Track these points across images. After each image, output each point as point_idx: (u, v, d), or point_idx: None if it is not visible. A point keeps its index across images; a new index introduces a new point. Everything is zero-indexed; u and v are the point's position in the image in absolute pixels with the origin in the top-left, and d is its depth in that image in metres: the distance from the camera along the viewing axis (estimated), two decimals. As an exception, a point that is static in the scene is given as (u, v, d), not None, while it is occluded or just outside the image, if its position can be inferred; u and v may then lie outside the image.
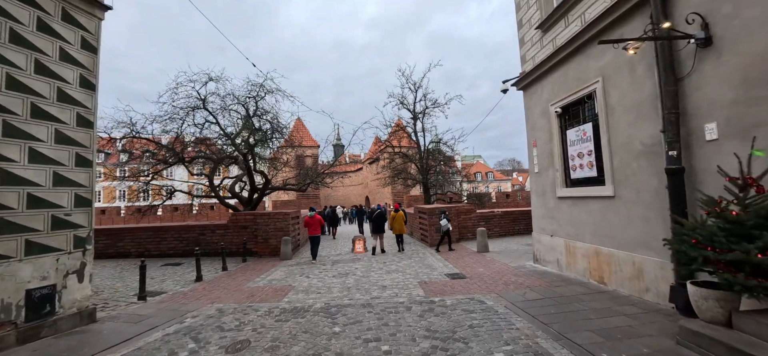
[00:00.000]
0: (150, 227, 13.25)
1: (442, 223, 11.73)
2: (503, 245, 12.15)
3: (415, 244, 14.23)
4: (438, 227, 13.08)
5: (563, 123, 7.32)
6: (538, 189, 8.32)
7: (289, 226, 12.38)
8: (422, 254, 11.40)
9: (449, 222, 11.86)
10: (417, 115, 22.81)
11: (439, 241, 11.94)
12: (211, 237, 12.75)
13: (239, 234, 12.55)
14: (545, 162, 7.91)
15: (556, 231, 7.56)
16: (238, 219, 12.68)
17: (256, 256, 12.26)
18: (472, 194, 24.83)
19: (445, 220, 11.73)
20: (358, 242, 12.78)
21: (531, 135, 8.53)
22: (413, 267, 9.15)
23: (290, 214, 12.51)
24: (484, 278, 7.29)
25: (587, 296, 5.55)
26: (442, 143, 23.19)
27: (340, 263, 10.35)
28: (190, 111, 13.44)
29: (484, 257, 9.91)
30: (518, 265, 8.40)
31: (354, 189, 59.27)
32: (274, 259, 11.70)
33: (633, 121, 5.41)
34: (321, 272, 8.93)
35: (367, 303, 5.78)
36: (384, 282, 7.41)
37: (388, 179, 25.77)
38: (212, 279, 8.59)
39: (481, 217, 13.98)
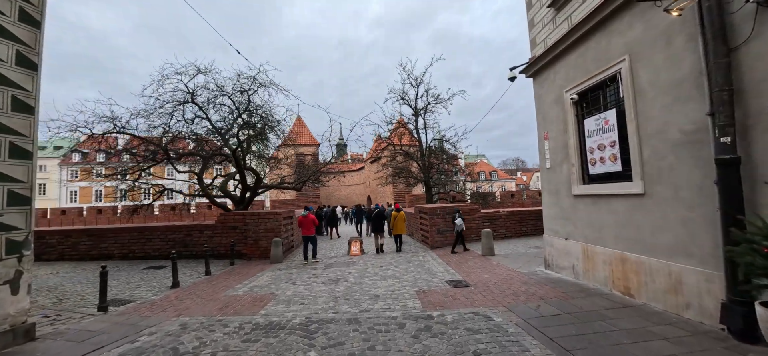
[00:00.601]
0: (134, 228, 12.54)
1: (457, 223, 10.93)
2: (510, 247, 11.29)
3: (415, 246, 13.41)
4: (441, 228, 12.26)
5: (580, 111, 6.46)
6: (550, 187, 7.46)
7: (281, 227, 11.60)
8: (422, 257, 10.57)
9: (464, 222, 11.12)
10: (418, 111, 21.94)
11: (455, 242, 11.14)
12: (199, 239, 12.02)
13: (228, 235, 11.81)
14: (559, 156, 7.05)
15: (571, 233, 6.71)
16: (227, 220, 11.94)
17: (245, 259, 11.51)
18: (476, 193, 23.95)
19: (460, 219, 10.95)
20: (354, 244, 11.98)
21: (542, 126, 7.67)
22: (411, 272, 8.33)
23: (282, 214, 11.74)
24: (490, 286, 6.45)
25: (613, 311, 4.70)
26: (445, 140, 22.32)
27: (333, 267, 9.55)
28: (178, 105, 12.71)
29: (490, 261, 9.06)
30: (528, 271, 7.55)
31: (356, 189, 58.57)
32: (264, 262, 10.94)
33: (670, 105, 4.54)
34: (310, 277, 8.14)
35: (355, 318, 4.97)
36: (377, 291, 6.59)
37: (389, 178, 24.93)
38: (190, 286, 7.82)
39: (485, 218, 13.13)
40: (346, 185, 61.33)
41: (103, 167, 14.15)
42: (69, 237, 12.41)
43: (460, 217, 11.00)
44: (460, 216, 11.01)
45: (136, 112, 12.18)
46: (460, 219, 10.93)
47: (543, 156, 7.67)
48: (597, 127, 5.92)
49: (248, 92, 13.71)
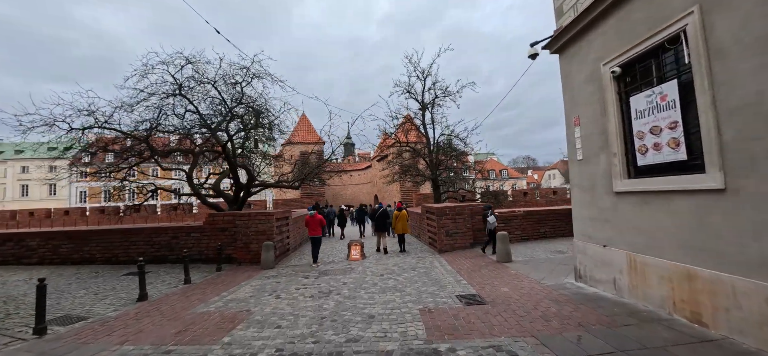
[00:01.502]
0: (118, 230, 11.65)
1: (489, 221, 9.81)
2: (527, 252, 10.02)
3: (422, 249, 12.23)
4: (450, 230, 11.06)
5: (623, 87, 5.21)
6: (582, 183, 6.21)
7: (273, 229, 10.55)
8: (429, 263, 9.40)
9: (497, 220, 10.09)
10: (425, 105, 20.73)
11: (486, 243, 10.09)
12: (185, 242, 11.05)
13: (217, 238, 10.81)
14: (594, 145, 5.80)
15: (612, 239, 5.46)
16: (216, 221, 10.94)
17: (235, 263, 10.51)
18: (488, 192, 22.61)
19: (492, 217, 9.87)
20: (354, 247, 10.86)
21: (571, 110, 6.41)
22: (415, 282, 7.17)
23: (275, 215, 10.68)
24: (512, 305, 5.25)
25: (687, 350, 3.46)
26: (454, 135, 21.03)
27: (327, 274, 8.45)
28: (165, 98, 11.75)
29: (507, 269, 7.84)
30: (555, 284, 6.31)
31: (363, 188, 57.59)
32: (254, 268, 9.91)
33: (766, 66, 3.29)
34: (298, 289, 7.04)
35: (338, 352, 3.83)
36: (373, 309, 5.45)
37: (395, 176, 23.76)
38: (160, 298, 6.80)
39: (499, 218, 11.86)
40: (352, 184, 60.40)
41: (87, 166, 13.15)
42: (50, 240, 11.58)
43: (493, 214, 9.98)
44: (493, 213, 10.01)
45: (119, 104, 11.26)
46: (493, 217, 9.88)
47: (572, 146, 6.42)
48: (648, 106, 4.67)
49: (241, 84, 12.73)
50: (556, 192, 31.49)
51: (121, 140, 11.96)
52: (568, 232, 12.57)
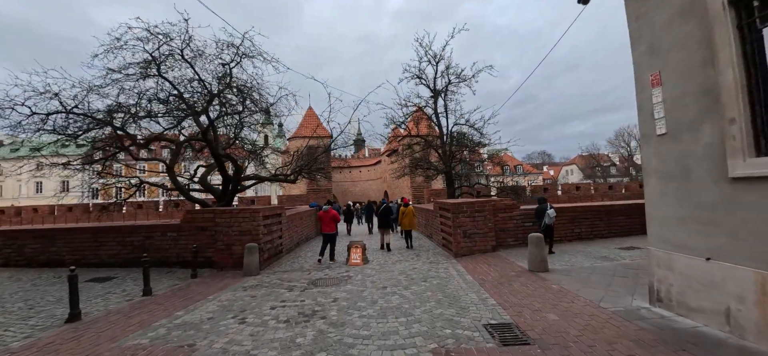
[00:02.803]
0: (87, 229, 10.33)
1: (550, 214, 8.47)
2: (564, 257, 8.20)
3: (435, 252, 10.49)
4: (468, 230, 9.31)
5: (746, 17, 3.37)
6: (666, 167, 4.37)
7: (260, 229, 8.99)
8: (444, 270, 7.67)
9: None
10: (438, 92, 18.91)
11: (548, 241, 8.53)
12: (161, 242, 9.62)
13: (196, 238, 9.34)
14: (689, 111, 3.97)
15: (722, 249, 3.64)
16: (195, 219, 9.45)
17: (216, 268, 9.01)
18: (506, 187, 20.65)
19: (552, 210, 8.58)
20: (355, 250, 9.21)
21: (646, 65, 4.57)
22: (428, 300, 5.47)
23: (261, 212, 9.11)
24: (572, 347, 3.51)
25: None
26: (468, 125, 19.09)
27: (317, 285, 6.83)
28: (140, 79, 10.30)
29: (546, 282, 6.06)
30: (624, 310, 4.52)
31: (373, 184, 56.12)
32: (235, 273, 8.39)
33: None
34: (274, 308, 5.43)
35: None
36: (366, 348, 3.79)
37: (405, 169, 22.00)
38: (96, 318, 5.29)
39: (526, 216, 10.03)
40: (362, 180, 58.94)
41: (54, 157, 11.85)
42: (15, 239, 10.33)
43: (551, 207, 8.69)
44: (551, 206, 8.71)
45: (89, 87, 9.84)
46: (553, 210, 8.61)
47: (647, 116, 4.58)
48: (811, 35, 2.83)
49: (229, 65, 11.20)
50: (579, 188, 29.23)
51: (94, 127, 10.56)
52: (607, 233, 10.66)
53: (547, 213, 8.46)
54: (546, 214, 8.46)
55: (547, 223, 8.42)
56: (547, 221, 8.42)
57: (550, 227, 8.52)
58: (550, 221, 8.44)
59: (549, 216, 8.43)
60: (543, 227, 8.42)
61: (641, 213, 11.49)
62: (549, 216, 8.43)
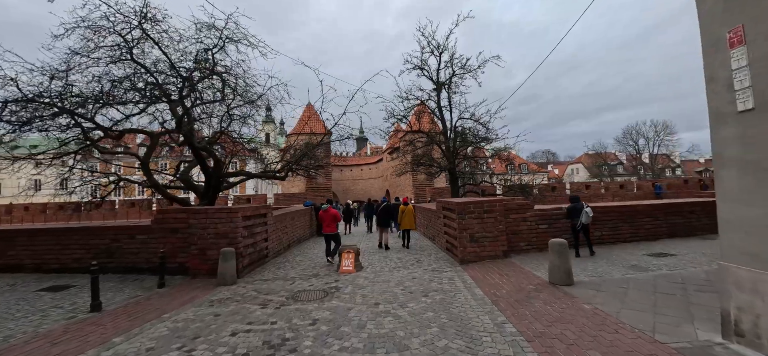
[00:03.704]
0: (48, 230, 9.28)
1: (587, 212, 7.82)
2: (588, 265, 7.06)
3: (438, 256, 9.37)
4: (475, 234, 8.20)
5: None
6: (751, 156, 3.22)
7: (238, 231, 7.90)
8: (448, 281, 6.55)
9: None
10: (441, 84, 17.77)
11: (579, 242, 8.06)
12: (130, 245, 8.57)
13: (167, 241, 8.29)
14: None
15: None
16: (166, 220, 8.39)
17: (189, 275, 7.94)
18: (514, 185, 19.47)
19: (589, 208, 7.88)
20: (347, 256, 8.11)
21: (721, 18, 3.42)
22: (429, 324, 4.35)
23: (241, 212, 8.03)
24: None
25: None
26: (474, 119, 17.89)
27: (298, 300, 5.74)
28: (111, 64, 9.24)
29: (573, 300, 4.93)
30: (688, 344, 3.39)
31: (374, 183, 55.05)
32: (208, 282, 7.32)
33: None
34: (236, 333, 4.35)
35: None
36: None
37: (407, 166, 20.86)
38: (9, 348, 4.22)
39: (541, 218, 8.89)
40: (363, 179, 57.85)
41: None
42: (-29, 242, 9.31)
43: (586, 204, 8.02)
44: (587, 205, 8.02)
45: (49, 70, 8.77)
46: (590, 209, 7.91)
47: (722, 86, 3.43)
48: None
49: (212, 50, 10.12)
50: (588, 186, 27.98)
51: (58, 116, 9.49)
52: (631, 237, 9.49)
53: (584, 211, 7.77)
54: (583, 212, 7.78)
55: (584, 222, 7.77)
56: (584, 220, 7.75)
57: (587, 227, 7.90)
58: (587, 220, 7.77)
59: (587, 214, 7.75)
60: (579, 226, 7.82)
61: (668, 214, 10.41)
62: (587, 215, 7.75)
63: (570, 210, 8.12)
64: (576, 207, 7.99)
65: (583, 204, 8.00)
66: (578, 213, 7.87)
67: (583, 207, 7.90)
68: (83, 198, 12.05)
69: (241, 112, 12.49)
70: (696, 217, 10.15)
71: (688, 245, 8.71)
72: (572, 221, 8.02)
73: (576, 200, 8.19)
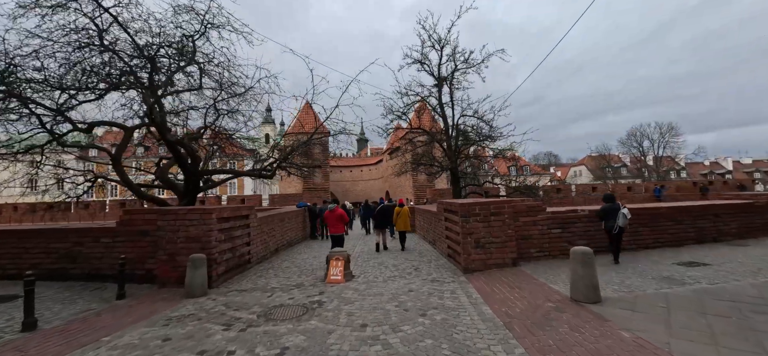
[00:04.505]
0: (7, 231, 8.37)
1: (624, 213, 7.01)
2: (613, 276, 6.11)
3: (438, 264, 8.42)
4: (482, 239, 7.27)
5: None
6: None
7: (212, 235, 6.97)
8: (450, 296, 5.60)
9: None
10: (443, 79, 16.84)
11: (615, 247, 7.22)
12: (93, 249, 7.66)
13: (135, 245, 7.39)
14: None
15: None
16: (134, 221, 7.47)
17: (157, 284, 7.01)
18: (519, 186, 18.50)
19: (626, 209, 7.08)
20: (335, 263, 7.16)
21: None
22: (427, 351, 3.43)
23: (215, 213, 7.09)
24: None
25: None
26: (477, 117, 16.92)
27: (272, 317, 4.82)
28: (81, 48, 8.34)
29: (605, 324, 3.98)
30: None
31: (375, 184, 54.15)
32: (176, 292, 6.40)
33: None
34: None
35: None
36: None
37: (406, 166, 19.91)
38: None
39: (555, 221, 7.94)
40: (363, 180, 56.91)
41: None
42: None
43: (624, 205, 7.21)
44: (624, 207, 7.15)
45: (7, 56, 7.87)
46: (626, 210, 7.05)
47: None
48: None
49: (193, 37, 9.23)
50: (595, 188, 26.97)
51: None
52: (654, 243, 8.53)
53: (621, 212, 6.93)
54: (620, 214, 6.94)
55: (621, 226, 6.94)
56: (621, 222, 6.91)
57: (623, 231, 7.07)
58: (624, 222, 6.93)
59: (624, 216, 6.89)
60: (616, 230, 6.98)
61: (695, 218, 9.45)
62: (624, 217, 6.89)
63: (604, 211, 7.25)
64: (612, 207, 7.11)
65: (619, 204, 7.13)
66: (615, 214, 7.01)
67: (619, 207, 7.03)
68: (58, 197, 11.11)
69: (228, 106, 11.64)
70: (722, 222, 9.22)
71: (719, 252, 7.76)
72: (606, 224, 7.16)
73: (611, 199, 7.31)
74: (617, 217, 6.96)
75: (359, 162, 61.28)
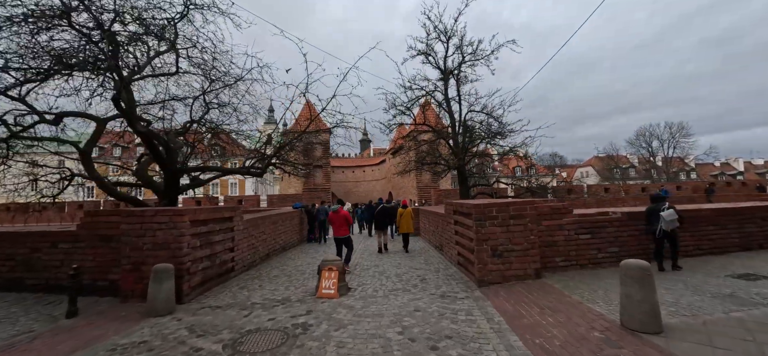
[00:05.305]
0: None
1: (663, 215, 6.06)
2: (665, 293, 5.00)
3: (447, 274, 7.34)
4: (500, 247, 6.21)
5: None
6: None
7: (183, 241, 5.94)
8: (466, 321, 4.53)
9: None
10: (449, 72, 15.78)
11: (659, 253, 6.28)
12: (51, 257, 6.68)
13: (97, 251, 6.41)
14: None
15: None
16: (96, 224, 6.48)
17: (120, 297, 6.00)
18: (531, 187, 17.33)
19: (671, 210, 6.08)
20: (328, 274, 6.11)
21: None
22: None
23: (187, 216, 6.07)
24: None
25: None
26: (486, 112, 15.82)
27: (245, 344, 3.78)
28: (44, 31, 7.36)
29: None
30: None
31: (377, 184, 53.13)
32: (139, 308, 5.37)
33: None
34: None
35: None
36: None
37: (410, 164, 18.83)
38: None
39: (583, 225, 6.84)
40: (365, 180, 55.87)
41: None
42: None
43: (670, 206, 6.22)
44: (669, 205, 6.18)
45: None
46: (673, 210, 6.06)
47: None
48: None
49: (174, 19, 8.26)
50: (607, 189, 25.73)
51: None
52: (695, 250, 7.40)
53: (662, 214, 5.98)
54: (660, 216, 5.99)
55: (663, 229, 6.00)
56: (663, 225, 5.96)
57: (670, 235, 6.11)
58: (668, 226, 5.96)
59: (664, 219, 5.92)
60: (659, 233, 6.07)
61: (742, 221, 8.29)
62: (664, 220, 5.92)
63: (648, 212, 6.32)
64: (657, 208, 6.17)
65: (662, 205, 6.16)
66: (658, 215, 6.07)
67: (663, 208, 6.05)
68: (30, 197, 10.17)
69: (218, 100, 10.68)
70: (769, 225, 8.11)
71: (776, 262, 6.64)
72: (650, 227, 6.30)
73: (658, 199, 6.34)
74: (659, 220, 5.96)
75: (362, 162, 60.28)
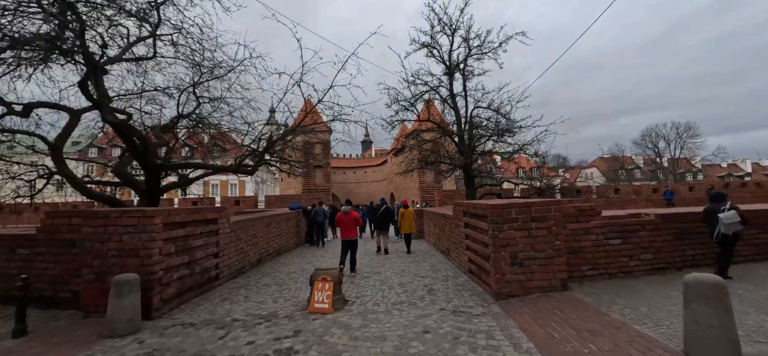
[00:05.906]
0: None
1: (721, 218, 5.23)
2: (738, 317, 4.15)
3: (457, 284, 6.49)
4: (520, 254, 5.37)
5: None
6: None
7: (154, 247, 5.13)
8: (486, 345, 3.70)
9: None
10: (454, 67, 14.95)
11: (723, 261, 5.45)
12: (9, 264, 5.89)
13: (60, 258, 5.61)
14: None
15: None
16: (57, 227, 5.68)
17: (80, 312, 5.20)
18: (541, 187, 16.47)
19: (732, 212, 5.20)
20: (321, 286, 5.27)
21: None
22: None
23: (159, 218, 5.26)
24: None
25: None
26: (493, 109, 14.97)
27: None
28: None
29: None
30: None
31: (379, 185, 52.31)
32: (99, 325, 4.57)
33: None
34: None
35: None
36: None
37: (413, 163, 17.99)
38: None
39: (613, 229, 5.99)
40: (367, 182, 55.02)
41: None
42: None
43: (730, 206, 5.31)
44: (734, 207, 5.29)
45: None
46: (734, 212, 5.18)
47: None
48: None
49: (157, 2, 7.49)
50: (618, 190, 24.81)
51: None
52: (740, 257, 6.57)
53: (720, 216, 5.17)
54: (718, 218, 5.21)
55: (723, 233, 5.15)
56: (722, 229, 5.13)
57: (729, 240, 5.24)
58: (726, 229, 5.10)
59: (723, 222, 5.10)
60: (719, 237, 5.25)
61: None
62: (723, 223, 5.10)
63: (707, 213, 5.59)
64: (715, 209, 5.39)
65: (722, 206, 5.34)
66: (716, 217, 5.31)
67: (723, 208, 5.26)
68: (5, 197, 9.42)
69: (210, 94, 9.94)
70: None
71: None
72: (709, 230, 5.58)
73: (719, 198, 5.52)
74: (718, 223, 5.14)
75: (363, 163, 59.50)
